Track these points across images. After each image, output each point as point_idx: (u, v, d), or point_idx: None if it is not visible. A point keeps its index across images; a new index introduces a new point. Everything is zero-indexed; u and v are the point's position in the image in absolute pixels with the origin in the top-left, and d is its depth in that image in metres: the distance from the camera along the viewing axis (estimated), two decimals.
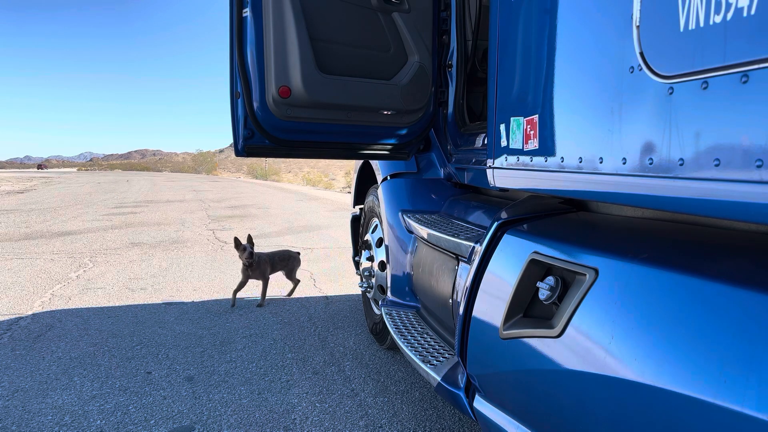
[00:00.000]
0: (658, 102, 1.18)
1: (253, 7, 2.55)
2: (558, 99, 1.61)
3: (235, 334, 3.92)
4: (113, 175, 56.20)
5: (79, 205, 14.54)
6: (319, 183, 29.29)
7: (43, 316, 4.33)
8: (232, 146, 2.99)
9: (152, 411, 2.74)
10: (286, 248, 5.31)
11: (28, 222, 10.53)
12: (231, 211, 13.06)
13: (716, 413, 0.94)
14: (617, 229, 1.58)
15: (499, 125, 1.95)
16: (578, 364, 1.28)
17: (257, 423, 2.63)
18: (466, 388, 1.90)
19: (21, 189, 23.09)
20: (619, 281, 1.25)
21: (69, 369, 3.28)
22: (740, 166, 0.99)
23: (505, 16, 1.91)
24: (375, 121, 2.94)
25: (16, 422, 2.63)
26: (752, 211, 0.98)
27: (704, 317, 1.03)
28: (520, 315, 1.57)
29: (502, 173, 1.96)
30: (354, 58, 2.80)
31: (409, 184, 3.35)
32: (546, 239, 1.59)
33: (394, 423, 2.64)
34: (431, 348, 2.41)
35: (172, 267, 6.30)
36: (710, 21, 1.03)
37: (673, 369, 1.04)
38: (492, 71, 2.01)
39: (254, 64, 2.59)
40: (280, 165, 47.56)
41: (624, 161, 1.29)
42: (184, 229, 9.58)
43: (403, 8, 2.91)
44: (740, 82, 0.97)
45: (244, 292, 4.84)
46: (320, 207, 13.92)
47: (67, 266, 6.26)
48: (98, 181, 32.63)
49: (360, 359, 3.46)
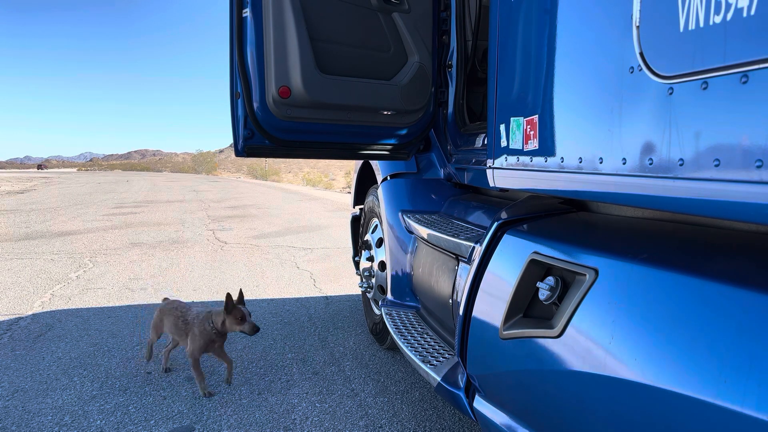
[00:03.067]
0: (658, 102, 1.18)
1: (253, 7, 2.55)
2: (558, 99, 1.61)
3: (235, 334, 3.92)
4: (113, 175, 56.20)
5: (79, 206, 14.54)
6: (319, 183, 29.30)
7: (43, 316, 4.33)
8: (232, 146, 2.99)
9: (152, 411, 2.74)
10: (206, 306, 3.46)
11: (28, 222, 10.53)
12: (231, 211, 13.06)
13: (716, 413, 0.94)
14: (617, 229, 1.58)
15: (499, 125, 1.95)
16: (578, 365, 1.28)
17: (257, 423, 2.63)
18: (466, 389, 1.90)
19: (21, 189, 23.09)
20: (619, 281, 1.25)
21: (69, 369, 3.27)
22: (740, 166, 0.99)
23: (505, 16, 1.91)
24: (375, 121, 2.94)
25: (16, 422, 2.63)
26: (752, 211, 0.98)
27: (704, 317, 1.03)
28: (520, 315, 1.57)
29: (502, 173, 1.96)
30: (354, 58, 2.80)
31: (409, 185, 3.35)
32: (546, 239, 1.59)
33: (394, 423, 2.64)
34: (431, 348, 2.41)
35: (172, 267, 6.30)
36: (710, 21, 1.03)
37: (673, 369, 1.04)
38: (492, 71, 2.01)
39: (254, 64, 2.59)
40: (280, 165, 47.56)
41: (624, 161, 1.29)
42: (184, 230, 9.58)
43: (403, 8, 2.91)
44: (740, 82, 0.97)
45: (243, 291, 4.82)
46: (320, 207, 13.92)
47: (67, 266, 6.26)
48: (98, 182, 32.62)
49: (360, 359, 3.46)
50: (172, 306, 3.13)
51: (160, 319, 3.16)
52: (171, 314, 3.08)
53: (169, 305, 3.16)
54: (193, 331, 2.95)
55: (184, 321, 3.02)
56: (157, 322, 3.18)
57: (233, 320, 2.87)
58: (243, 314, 2.87)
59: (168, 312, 3.11)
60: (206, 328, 2.92)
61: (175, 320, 3.04)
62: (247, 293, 4.98)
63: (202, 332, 2.93)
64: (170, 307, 3.13)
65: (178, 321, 3.03)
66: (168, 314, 3.11)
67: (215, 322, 2.93)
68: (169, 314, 3.10)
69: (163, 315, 3.15)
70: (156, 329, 3.19)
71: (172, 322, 3.05)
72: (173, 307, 3.12)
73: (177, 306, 3.12)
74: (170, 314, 3.09)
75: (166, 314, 3.12)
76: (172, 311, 3.09)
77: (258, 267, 6.27)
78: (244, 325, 2.86)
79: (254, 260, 6.68)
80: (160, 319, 3.16)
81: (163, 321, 3.13)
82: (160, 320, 3.16)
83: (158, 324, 3.18)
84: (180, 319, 3.03)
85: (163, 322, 3.13)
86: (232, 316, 2.87)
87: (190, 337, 2.96)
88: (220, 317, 2.91)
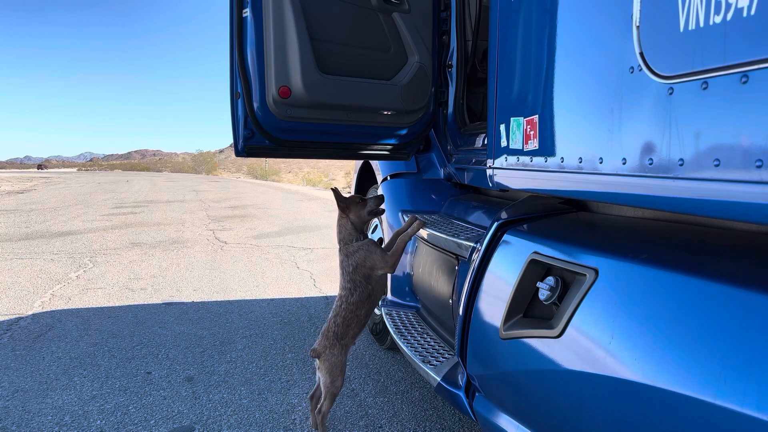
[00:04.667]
0: (658, 102, 1.18)
1: (253, 7, 2.55)
2: (558, 99, 1.61)
3: (235, 334, 3.92)
4: (113, 175, 56.20)
5: (79, 206, 14.53)
6: (319, 183, 29.30)
7: (43, 316, 4.33)
8: (232, 146, 2.99)
9: (152, 411, 2.74)
10: None
11: (28, 222, 10.53)
12: (231, 211, 13.06)
13: (716, 413, 0.94)
14: (617, 229, 1.58)
15: (499, 125, 1.95)
16: (578, 365, 1.28)
17: (257, 423, 2.63)
18: (466, 389, 1.90)
19: (21, 189, 23.09)
20: (619, 281, 1.25)
21: (69, 369, 3.27)
22: (740, 166, 0.99)
23: (505, 16, 1.91)
24: (375, 121, 2.94)
25: (16, 422, 2.63)
26: (752, 211, 0.98)
27: (704, 317, 1.03)
28: (520, 315, 1.57)
29: (502, 173, 1.96)
30: (354, 58, 2.80)
31: (409, 184, 3.35)
32: (546, 239, 1.59)
33: (394, 423, 2.64)
34: (431, 348, 2.41)
35: (172, 267, 6.29)
36: (710, 21, 1.03)
37: (673, 369, 1.04)
38: (492, 71, 2.01)
39: (254, 64, 2.59)
40: (280, 165, 47.57)
41: (624, 161, 1.29)
42: (184, 230, 9.58)
43: (403, 8, 2.92)
44: (740, 82, 0.97)
45: (243, 291, 4.83)
46: (320, 207, 13.92)
47: (67, 266, 6.26)
48: (98, 182, 32.62)
49: (360, 359, 3.46)
50: (336, 324, 2.38)
51: (345, 346, 2.40)
52: (348, 326, 2.38)
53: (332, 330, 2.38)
54: (363, 259, 2.35)
55: (346, 254, 2.39)
56: (345, 355, 2.40)
57: (358, 207, 2.43)
58: (359, 196, 2.48)
59: (344, 329, 2.38)
60: (356, 246, 2.39)
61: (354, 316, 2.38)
62: (247, 293, 4.99)
63: (361, 249, 2.37)
64: (337, 327, 2.38)
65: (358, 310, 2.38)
66: (345, 331, 2.39)
67: (348, 233, 2.40)
68: (346, 330, 2.39)
69: (343, 338, 2.39)
70: (344, 368, 2.39)
71: (356, 320, 2.40)
72: (337, 324, 2.38)
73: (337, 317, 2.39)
74: (347, 329, 2.39)
75: (343, 334, 2.39)
76: (346, 325, 2.38)
77: (258, 267, 6.27)
78: (368, 203, 2.45)
79: (254, 260, 6.68)
80: (344, 347, 2.39)
81: (349, 341, 2.42)
82: (346, 347, 2.41)
83: (345, 357, 2.40)
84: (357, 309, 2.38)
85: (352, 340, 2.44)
86: (354, 203, 2.43)
87: (371, 269, 2.37)
88: (345, 222, 2.41)
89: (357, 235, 2.42)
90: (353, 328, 2.40)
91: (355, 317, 2.38)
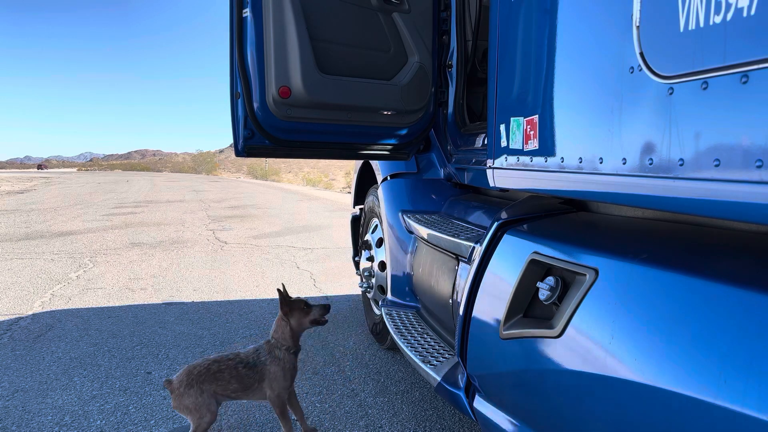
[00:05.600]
0: (658, 102, 1.18)
1: (253, 7, 2.55)
2: (558, 99, 1.61)
3: (235, 334, 3.92)
4: (113, 175, 56.20)
5: (79, 206, 14.53)
6: (319, 183, 29.30)
7: (43, 316, 4.33)
8: (232, 146, 2.99)
9: (152, 411, 2.74)
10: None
11: (28, 222, 10.53)
12: (231, 211, 13.06)
13: (716, 413, 0.94)
14: (617, 229, 1.58)
15: (499, 125, 1.95)
16: (578, 365, 1.28)
17: (257, 423, 2.63)
18: (466, 389, 1.90)
19: (21, 189, 23.08)
20: (619, 281, 1.25)
21: (69, 369, 3.27)
22: (740, 166, 0.99)
23: (505, 16, 1.91)
24: (375, 121, 2.94)
25: (16, 422, 2.63)
26: (752, 211, 0.98)
27: (704, 317, 1.03)
28: (520, 315, 1.57)
29: (502, 173, 1.96)
30: (354, 58, 2.80)
31: (409, 185, 3.35)
32: (546, 239, 1.59)
33: (394, 423, 2.64)
34: (431, 348, 2.41)
35: (172, 267, 6.29)
36: (710, 21, 1.03)
37: (673, 369, 1.04)
38: (492, 71, 2.01)
39: (254, 64, 2.59)
40: (280, 165, 47.56)
41: (624, 161, 1.29)
42: (184, 230, 9.58)
43: (403, 8, 2.92)
44: (740, 82, 0.97)
45: (243, 291, 4.83)
46: (320, 207, 13.92)
47: (67, 266, 6.26)
48: (98, 182, 32.62)
49: (360, 359, 3.46)
50: (205, 367, 2.22)
51: (204, 391, 2.19)
52: (217, 375, 2.22)
53: (197, 369, 2.21)
54: (269, 370, 2.25)
55: (246, 366, 2.25)
56: (206, 398, 2.19)
57: (301, 314, 2.31)
58: (304, 301, 2.32)
59: (209, 376, 2.21)
60: (279, 354, 2.27)
61: (231, 375, 2.22)
62: (247, 293, 4.98)
63: (279, 362, 2.25)
64: (204, 369, 2.22)
65: (238, 372, 2.23)
66: (211, 378, 2.21)
67: (282, 336, 2.29)
68: (213, 377, 2.21)
69: (203, 383, 2.19)
70: (209, 408, 2.19)
71: (228, 379, 2.22)
72: (207, 367, 2.22)
73: (214, 362, 2.25)
74: (215, 376, 2.21)
75: (207, 380, 2.20)
76: (215, 372, 2.22)
77: (258, 267, 6.27)
78: (312, 311, 2.32)
79: (254, 260, 6.68)
80: (202, 391, 2.19)
81: (214, 389, 2.21)
82: (207, 392, 2.20)
83: (208, 399, 2.20)
84: (237, 369, 2.23)
85: (215, 390, 2.22)
86: (298, 310, 2.31)
87: (267, 381, 2.26)
88: (284, 325, 2.30)
89: (291, 344, 2.32)
90: (225, 382, 2.22)
91: (235, 375, 2.23)
